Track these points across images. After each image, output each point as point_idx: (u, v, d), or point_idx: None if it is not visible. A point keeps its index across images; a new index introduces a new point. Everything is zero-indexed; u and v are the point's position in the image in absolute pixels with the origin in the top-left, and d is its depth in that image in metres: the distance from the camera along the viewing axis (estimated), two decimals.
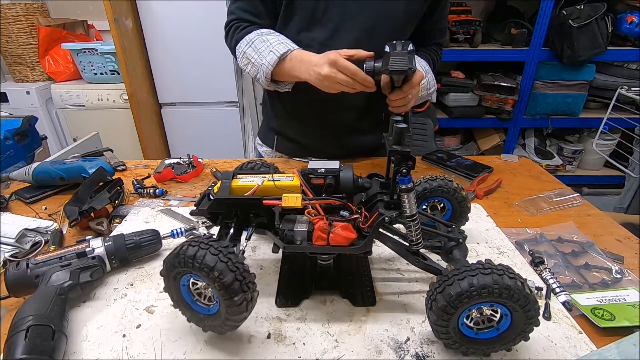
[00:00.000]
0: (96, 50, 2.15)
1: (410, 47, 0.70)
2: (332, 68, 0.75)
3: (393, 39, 0.71)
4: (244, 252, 0.53)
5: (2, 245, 0.68)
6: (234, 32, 0.93)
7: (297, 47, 0.86)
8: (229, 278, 0.42)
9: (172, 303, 0.49)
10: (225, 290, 0.43)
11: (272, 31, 0.91)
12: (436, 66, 1.04)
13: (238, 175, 0.56)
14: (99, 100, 2.24)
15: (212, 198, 0.54)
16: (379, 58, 0.75)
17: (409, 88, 0.77)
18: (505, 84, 2.28)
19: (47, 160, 0.99)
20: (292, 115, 1.04)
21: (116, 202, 0.81)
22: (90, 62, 2.20)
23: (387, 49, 0.71)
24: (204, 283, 0.47)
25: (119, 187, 0.84)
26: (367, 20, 0.88)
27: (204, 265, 0.42)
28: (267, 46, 0.86)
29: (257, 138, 1.20)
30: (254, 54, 0.88)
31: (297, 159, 1.11)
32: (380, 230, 0.52)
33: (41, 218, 0.79)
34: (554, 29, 2.12)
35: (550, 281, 0.59)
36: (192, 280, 0.47)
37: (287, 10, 0.91)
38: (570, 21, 2.04)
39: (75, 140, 2.15)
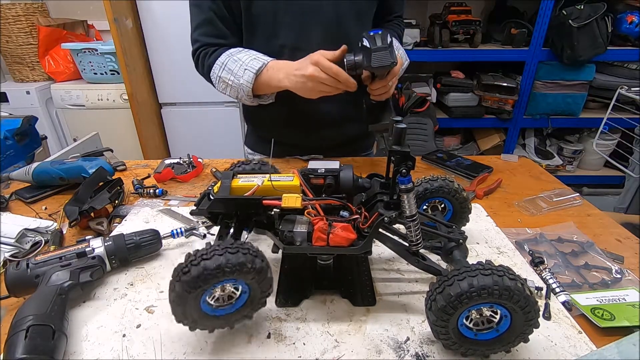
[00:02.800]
0: (96, 50, 2.15)
1: (389, 39, 0.70)
2: (316, 67, 0.75)
3: (361, 24, 0.68)
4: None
5: (2, 245, 0.68)
6: (204, 59, 0.91)
7: (270, 58, 0.85)
8: (258, 263, 0.45)
9: (190, 326, 0.47)
10: (259, 274, 0.46)
11: (241, 49, 0.89)
12: (401, 40, 1.04)
13: (238, 175, 0.56)
14: (99, 100, 2.24)
15: (212, 198, 0.54)
16: (357, 51, 0.74)
17: (391, 77, 0.79)
18: (505, 84, 2.28)
19: (47, 160, 0.99)
20: (274, 117, 1.01)
21: (116, 202, 0.81)
22: (90, 62, 2.20)
23: (365, 42, 0.70)
24: (220, 287, 0.46)
25: (119, 187, 0.84)
26: (329, 10, 0.87)
27: (234, 266, 0.43)
28: (240, 65, 0.85)
29: (245, 147, 1.18)
30: (230, 76, 0.86)
31: (292, 157, 1.10)
32: (380, 230, 0.52)
33: (41, 218, 0.79)
34: (554, 29, 2.12)
35: (550, 281, 0.59)
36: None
37: (248, 20, 0.89)
38: (570, 21, 2.04)
39: (75, 140, 2.15)
